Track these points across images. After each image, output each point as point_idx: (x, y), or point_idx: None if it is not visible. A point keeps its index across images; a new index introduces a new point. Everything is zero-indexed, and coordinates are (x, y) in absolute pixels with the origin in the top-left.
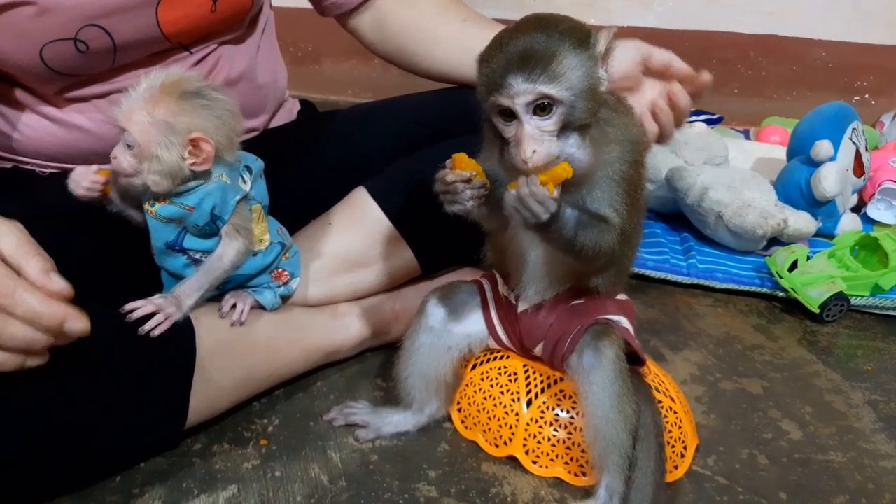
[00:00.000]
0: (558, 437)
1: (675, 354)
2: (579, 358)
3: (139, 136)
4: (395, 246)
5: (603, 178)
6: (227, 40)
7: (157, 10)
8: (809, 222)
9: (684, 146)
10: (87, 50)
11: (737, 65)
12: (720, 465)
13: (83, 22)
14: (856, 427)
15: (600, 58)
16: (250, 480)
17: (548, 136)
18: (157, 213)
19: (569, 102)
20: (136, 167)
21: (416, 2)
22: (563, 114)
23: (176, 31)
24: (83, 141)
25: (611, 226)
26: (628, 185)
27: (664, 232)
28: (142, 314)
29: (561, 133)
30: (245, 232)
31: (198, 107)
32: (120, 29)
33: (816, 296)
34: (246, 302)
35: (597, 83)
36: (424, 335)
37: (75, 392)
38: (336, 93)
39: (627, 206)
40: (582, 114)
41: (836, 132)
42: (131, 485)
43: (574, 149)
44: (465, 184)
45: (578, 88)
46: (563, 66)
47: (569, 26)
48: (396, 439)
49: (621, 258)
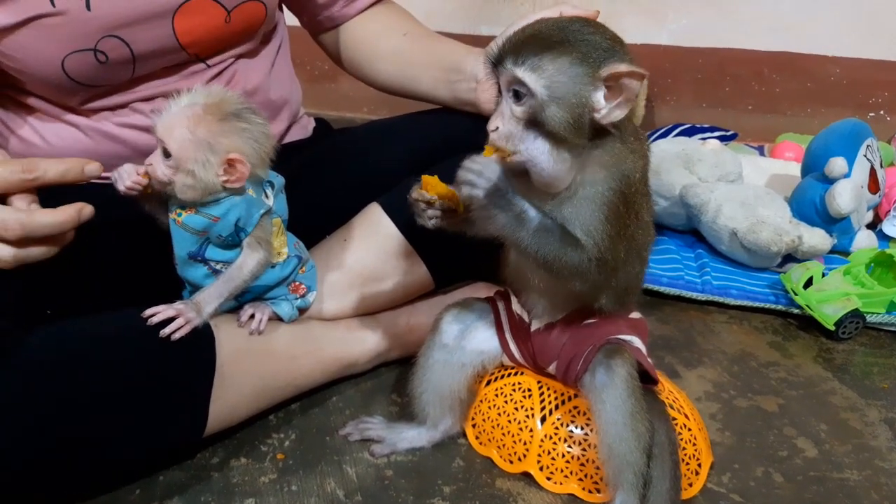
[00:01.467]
0: (572, 454)
1: (690, 371)
2: (592, 377)
3: (177, 152)
4: (409, 261)
5: (581, 197)
6: (243, 54)
7: (173, 20)
8: (824, 239)
9: (698, 163)
10: (106, 60)
11: (751, 81)
12: (735, 482)
13: (102, 33)
14: (872, 445)
15: (600, 82)
16: (267, 494)
17: (514, 121)
18: (184, 223)
19: (540, 99)
20: (170, 177)
21: (368, 17)
22: (531, 107)
23: (192, 41)
24: (110, 147)
25: (581, 249)
26: (609, 212)
27: (678, 248)
28: (162, 318)
29: (530, 131)
30: (266, 244)
31: (238, 129)
32: (138, 39)
33: (832, 313)
34: (264, 312)
35: (585, 103)
36: (438, 352)
37: (96, 397)
38: (352, 110)
39: (608, 236)
40: (552, 121)
41: (851, 149)
42: (150, 498)
43: (538, 153)
44: (426, 205)
45: (557, 93)
46: (551, 63)
47: (595, 39)
48: (411, 455)
49: (607, 286)
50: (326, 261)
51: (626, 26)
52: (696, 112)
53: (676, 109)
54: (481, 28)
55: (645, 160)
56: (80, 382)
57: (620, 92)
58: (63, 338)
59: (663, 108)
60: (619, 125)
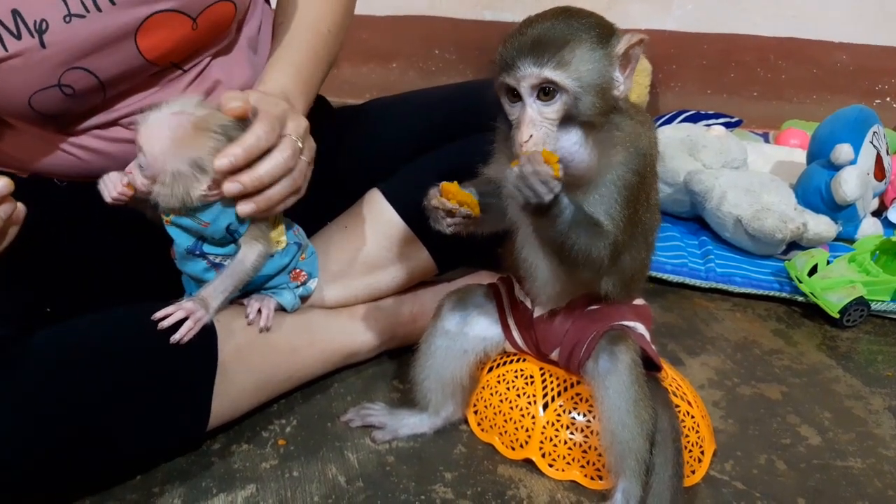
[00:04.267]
0: (574, 441)
1: (693, 359)
2: (595, 363)
3: (153, 162)
4: (411, 246)
5: (604, 182)
6: (218, 52)
7: (136, 40)
8: (829, 226)
9: (703, 150)
10: (73, 93)
11: (756, 68)
12: (738, 470)
13: (63, 67)
14: (875, 433)
15: (618, 59)
16: (268, 480)
17: (548, 123)
18: (174, 222)
19: (573, 92)
20: (148, 187)
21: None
22: (566, 103)
23: (160, 56)
24: (99, 161)
25: (604, 233)
26: (629, 193)
27: (682, 235)
28: (173, 321)
29: (563, 126)
30: (263, 239)
31: (221, 144)
32: (102, 66)
33: (836, 300)
34: (270, 306)
35: (609, 83)
36: (441, 338)
37: (99, 393)
38: (354, 96)
39: (625, 218)
40: (587, 109)
41: (857, 136)
42: (151, 483)
43: (574, 146)
44: (445, 213)
45: (587, 82)
46: (573, 55)
47: (592, 21)
48: (413, 441)
49: (613, 270)
50: (327, 249)
51: (632, 12)
52: (701, 98)
53: (681, 96)
54: (485, 14)
55: (653, 129)
56: (81, 382)
57: (629, 62)
58: (64, 338)
59: (668, 95)
60: (625, 99)
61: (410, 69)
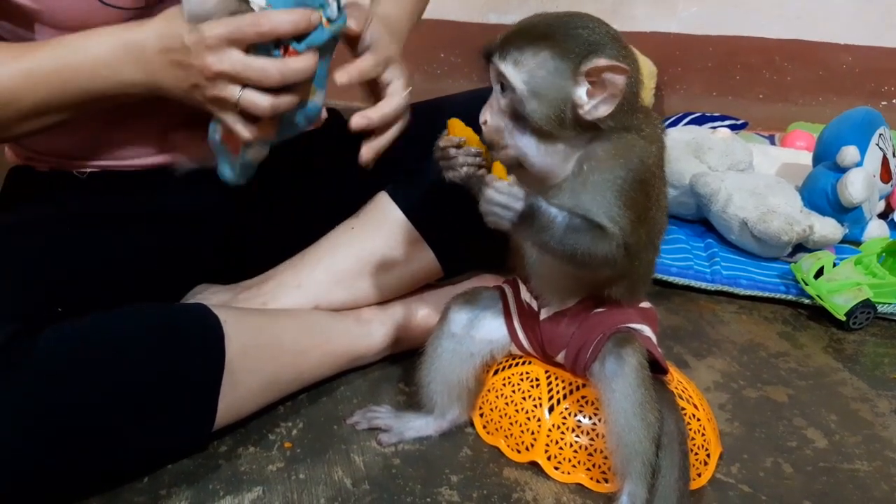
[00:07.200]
0: (580, 444)
1: (699, 361)
2: (601, 366)
3: None
4: (417, 248)
5: (592, 184)
6: None
7: None
8: (835, 228)
9: (708, 152)
10: None
11: (762, 70)
12: (744, 473)
13: None
14: (882, 436)
15: (581, 78)
16: (275, 482)
17: (501, 114)
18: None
19: (520, 93)
20: None
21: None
22: (513, 100)
23: None
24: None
25: (609, 236)
26: (627, 199)
27: (688, 238)
28: None
29: (518, 125)
30: None
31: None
32: None
33: (842, 303)
34: None
35: (566, 98)
36: (447, 341)
37: (106, 391)
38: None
39: (630, 221)
40: (533, 115)
41: (863, 137)
42: (158, 486)
43: (528, 147)
44: (456, 149)
45: (536, 88)
46: (533, 59)
47: (581, 33)
48: (419, 444)
49: (629, 271)
50: (334, 249)
51: (637, 14)
52: (707, 100)
53: (687, 98)
54: (490, 16)
55: (659, 144)
56: (88, 382)
57: (605, 88)
58: (72, 338)
59: (673, 97)
60: (626, 116)
61: (416, 72)
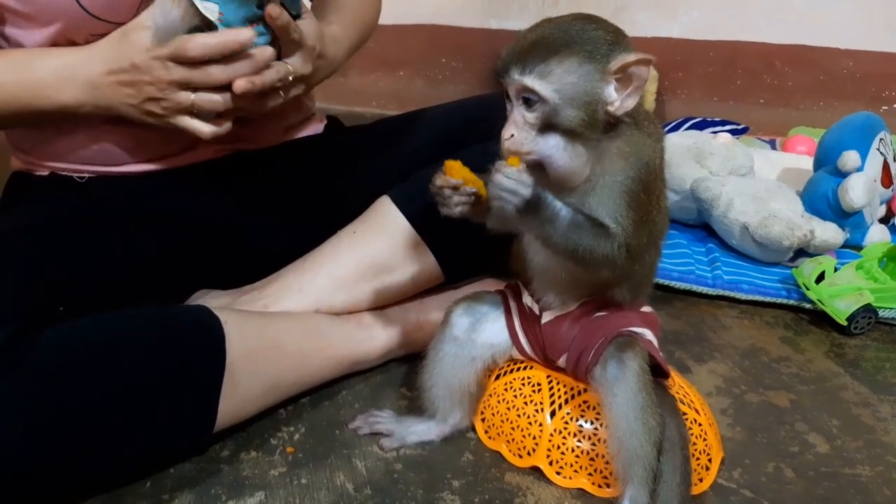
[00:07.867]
0: (582, 449)
1: (701, 366)
2: (603, 370)
3: None
4: (419, 252)
5: (601, 186)
6: None
7: None
8: (837, 233)
9: (709, 157)
10: None
11: (763, 75)
12: (746, 478)
13: None
14: (884, 441)
15: (610, 76)
16: (277, 487)
17: (528, 127)
18: None
19: (553, 104)
20: None
21: None
22: (545, 112)
23: None
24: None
25: (611, 236)
26: (631, 200)
27: (689, 243)
28: None
29: (544, 131)
30: None
31: None
32: None
33: (844, 308)
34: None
35: (596, 98)
36: (448, 345)
37: (107, 392)
38: (361, 104)
39: (633, 222)
40: (568, 121)
41: (864, 142)
42: (160, 490)
43: (553, 150)
44: (452, 190)
45: (568, 95)
46: (559, 67)
47: (596, 34)
48: (420, 448)
49: (631, 272)
50: (336, 254)
51: (638, 19)
52: (708, 105)
53: (687, 103)
54: (491, 22)
55: (661, 142)
56: (88, 382)
57: (630, 81)
58: (72, 338)
59: (674, 102)
60: (631, 112)
61: (417, 77)
